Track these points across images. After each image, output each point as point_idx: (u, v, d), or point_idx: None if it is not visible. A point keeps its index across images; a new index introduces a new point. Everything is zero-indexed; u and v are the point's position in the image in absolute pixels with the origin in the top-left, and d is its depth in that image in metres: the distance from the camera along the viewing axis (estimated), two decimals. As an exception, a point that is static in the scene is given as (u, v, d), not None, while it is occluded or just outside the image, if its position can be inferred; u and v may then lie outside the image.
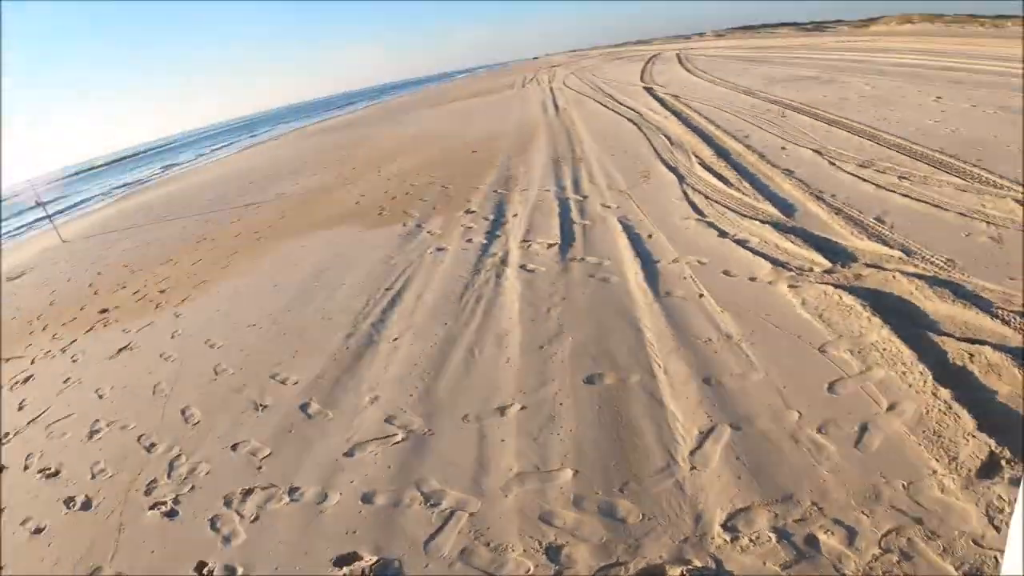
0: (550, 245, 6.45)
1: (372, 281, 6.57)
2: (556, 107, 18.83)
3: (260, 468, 3.90)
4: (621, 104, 16.29)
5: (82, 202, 35.57)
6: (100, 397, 5.59)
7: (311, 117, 69.28)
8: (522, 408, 3.83)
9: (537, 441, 3.52)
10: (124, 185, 39.47)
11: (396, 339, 5.16)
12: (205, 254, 9.91)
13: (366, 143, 20.54)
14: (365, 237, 8.31)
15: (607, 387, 3.87)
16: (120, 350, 6.60)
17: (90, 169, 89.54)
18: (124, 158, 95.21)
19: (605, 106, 16.44)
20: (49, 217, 19.84)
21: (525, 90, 28.75)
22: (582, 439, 3.45)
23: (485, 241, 7.04)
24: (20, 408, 5.94)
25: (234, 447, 4.20)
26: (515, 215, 7.75)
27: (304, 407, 4.46)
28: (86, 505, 4.05)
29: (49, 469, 4.61)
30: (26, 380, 6.63)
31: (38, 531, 3.93)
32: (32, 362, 7.12)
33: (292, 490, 3.61)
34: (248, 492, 3.70)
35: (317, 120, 56.04)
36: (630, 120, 13.17)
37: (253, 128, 79.33)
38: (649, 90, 18.04)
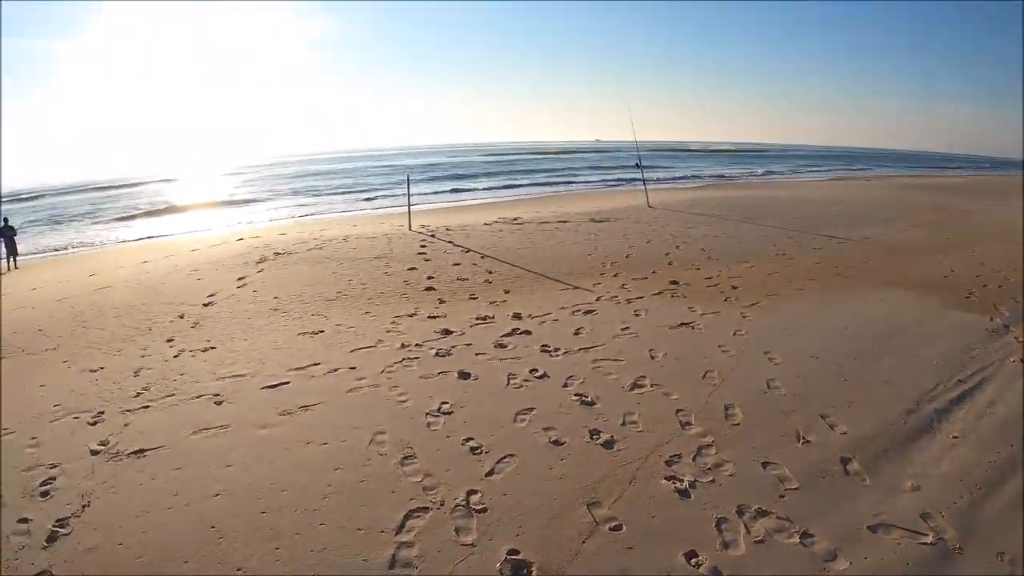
0: None
1: (946, 366, 6.10)
2: None
3: (783, 496, 3.97)
4: None
5: (676, 177, 39.03)
6: (652, 358, 6.29)
7: (907, 168, 66.75)
8: (1066, 575, 3.34)
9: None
10: (718, 176, 42.29)
11: (956, 437, 4.76)
12: (781, 268, 10.29)
13: (965, 215, 18.93)
14: (947, 315, 7.72)
15: None
16: (682, 324, 7.34)
17: (683, 151, 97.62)
18: (719, 151, 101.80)
19: None
20: (643, 180, 22.04)
21: None
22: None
23: (1077, 373, 6.09)
24: (576, 333, 7.00)
25: (764, 464, 4.34)
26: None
27: (844, 461, 4.39)
28: (608, 444, 4.62)
29: (586, 397, 5.38)
30: (588, 312, 7.83)
31: (557, 442, 4.65)
32: (597, 299, 8.35)
33: (805, 534, 3.61)
34: (763, 513, 3.80)
35: (914, 174, 53.72)
36: None
37: (851, 161, 78.72)
38: None
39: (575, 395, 5.37)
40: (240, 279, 10.25)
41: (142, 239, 22.38)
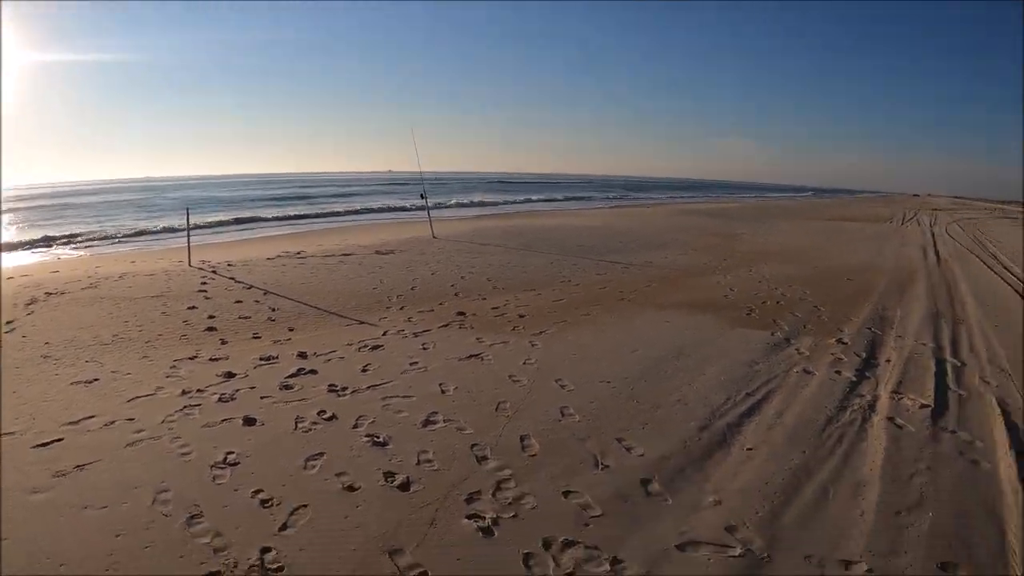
0: (923, 406, 6.02)
1: (733, 381, 6.54)
2: (937, 256, 18.12)
3: (587, 525, 4.03)
4: (1009, 271, 15.00)
5: (455, 204, 39.81)
6: (443, 392, 6.25)
7: (679, 194, 73.81)
8: (868, 570, 3.66)
9: (875, 612, 3.35)
10: (490, 204, 43.58)
11: (750, 449, 5.07)
12: (568, 296, 10.78)
13: (738, 237, 21.09)
14: (731, 333, 8.40)
15: (960, 581, 3.65)
16: (471, 356, 7.38)
17: (468, 179, 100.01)
18: (504, 181, 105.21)
19: (992, 270, 15.32)
20: (428, 210, 22.23)
21: (904, 228, 28.41)
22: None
23: (854, 378, 6.76)
24: (363, 370, 6.86)
25: (566, 494, 4.39)
26: (888, 360, 7.36)
27: (645, 483, 4.53)
28: (404, 486, 4.48)
29: (378, 437, 5.21)
30: (374, 348, 7.70)
31: (351, 488, 4.45)
32: (384, 333, 8.24)
33: (615, 560, 3.65)
34: (570, 543, 3.82)
35: (687, 199, 58.95)
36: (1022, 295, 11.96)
37: (631, 189, 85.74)
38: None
39: (366, 436, 5.18)
40: (8, 323, 9.32)
41: None
